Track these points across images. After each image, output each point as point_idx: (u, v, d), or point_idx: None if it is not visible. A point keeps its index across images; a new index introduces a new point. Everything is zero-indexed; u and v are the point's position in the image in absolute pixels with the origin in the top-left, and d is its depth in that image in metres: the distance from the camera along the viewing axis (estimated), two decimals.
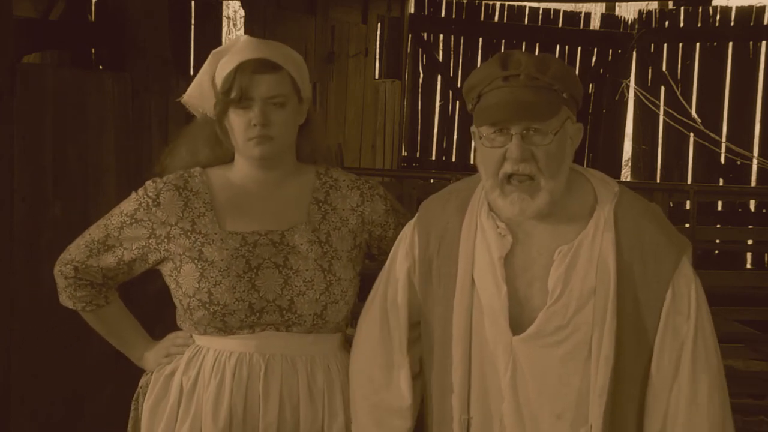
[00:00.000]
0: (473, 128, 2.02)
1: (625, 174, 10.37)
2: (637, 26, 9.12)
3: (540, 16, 9.50)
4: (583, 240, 1.97)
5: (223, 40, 7.39)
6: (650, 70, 9.04)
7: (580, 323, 1.95)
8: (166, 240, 2.22)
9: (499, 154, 1.94)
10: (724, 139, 8.77)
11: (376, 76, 8.90)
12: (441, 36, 9.74)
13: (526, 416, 1.99)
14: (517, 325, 1.98)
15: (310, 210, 2.28)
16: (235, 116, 2.20)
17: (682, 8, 8.97)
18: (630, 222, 1.98)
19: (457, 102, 9.57)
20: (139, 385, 2.37)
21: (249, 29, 5.83)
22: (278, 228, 2.24)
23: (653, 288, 1.96)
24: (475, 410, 2.03)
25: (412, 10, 9.57)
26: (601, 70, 9.27)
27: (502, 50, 9.47)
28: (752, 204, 8.77)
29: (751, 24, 8.79)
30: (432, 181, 5.89)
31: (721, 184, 8.75)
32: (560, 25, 9.46)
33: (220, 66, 2.24)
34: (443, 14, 9.66)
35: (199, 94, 2.28)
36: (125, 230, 2.24)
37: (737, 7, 8.90)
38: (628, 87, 9.13)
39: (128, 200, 2.28)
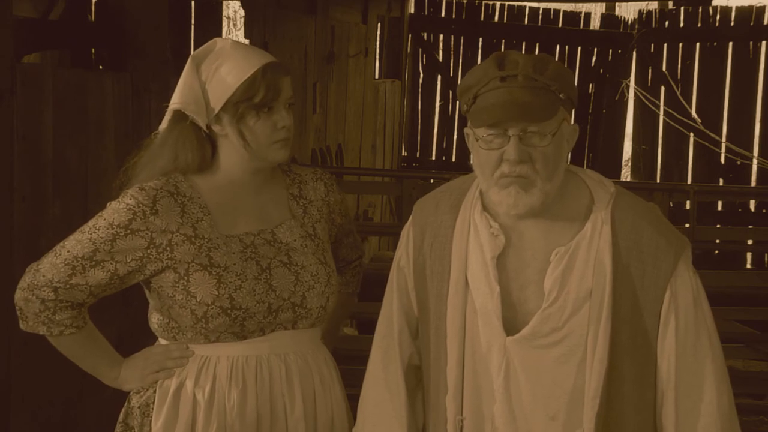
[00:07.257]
0: (467, 129, 1.99)
1: (625, 174, 10.38)
2: (637, 26, 9.13)
3: (540, 16, 9.50)
4: (581, 242, 1.95)
5: None
6: (650, 70, 9.04)
7: (575, 326, 1.94)
8: (168, 248, 2.15)
9: (496, 156, 1.91)
10: (724, 139, 8.78)
11: (376, 76, 8.91)
12: (441, 36, 9.75)
13: (519, 417, 1.99)
14: (510, 327, 1.97)
15: (291, 206, 2.30)
16: (256, 121, 2.17)
17: (682, 8, 8.98)
18: (627, 223, 1.96)
19: (457, 102, 9.55)
20: (135, 405, 2.25)
21: (249, 29, 5.83)
22: (267, 227, 2.25)
23: (652, 289, 1.94)
24: (467, 410, 2.03)
25: (412, 10, 9.58)
26: (601, 70, 9.28)
27: (503, 50, 9.52)
28: (752, 204, 8.79)
29: (751, 24, 8.80)
30: (432, 181, 5.87)
31: (721, 184, 8.75)
32: (560, 25, 9.47)
33: (220, 73, 2.18)
34: (443, 14, 9.67)
35: (194, 101, 2.20)
36: (118, 242, 2.13)
37: (737, 7, 8.91)
38: (628, 87, 9.13)
39: (114, 211, 2.15)
